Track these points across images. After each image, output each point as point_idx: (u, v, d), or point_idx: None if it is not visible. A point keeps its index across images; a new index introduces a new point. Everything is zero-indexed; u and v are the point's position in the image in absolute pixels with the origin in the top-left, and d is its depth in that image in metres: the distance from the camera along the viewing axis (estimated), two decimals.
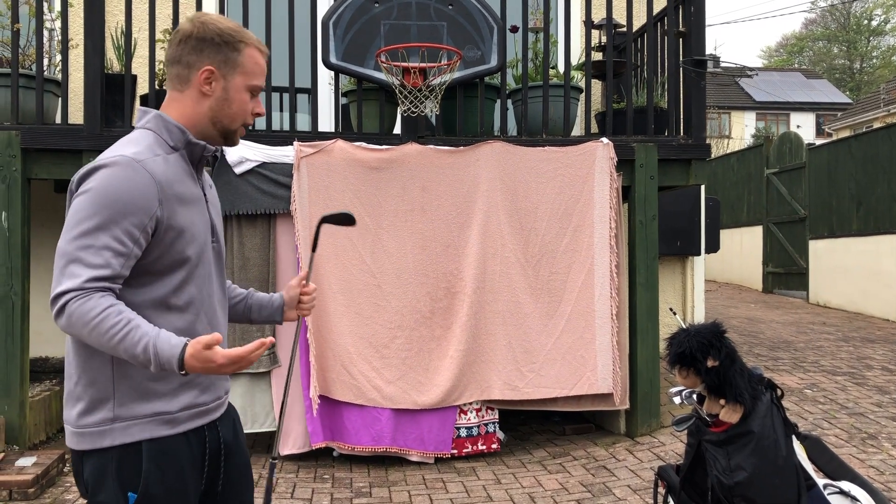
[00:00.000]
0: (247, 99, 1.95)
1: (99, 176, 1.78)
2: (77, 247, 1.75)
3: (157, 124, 1.92)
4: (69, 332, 1.77)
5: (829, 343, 7.90)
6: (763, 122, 36.34)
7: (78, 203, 1.78)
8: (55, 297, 1.74)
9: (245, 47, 1.93)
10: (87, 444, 1.84)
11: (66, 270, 1.75)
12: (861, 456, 4.66)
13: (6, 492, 4.32)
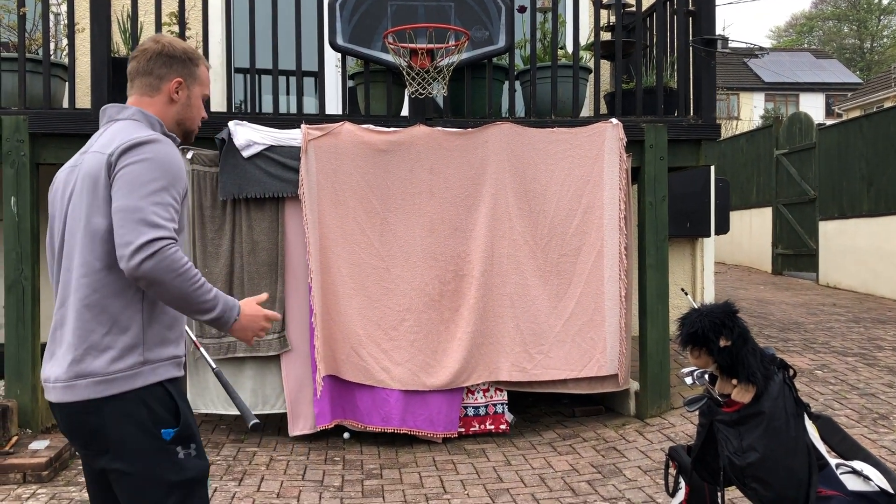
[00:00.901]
0: (201, 105, 2.38)
1: (151, 148, 2.09)
2: (150, 202, 2.01)
3: (140, 117, 2.24)
4: (147, 276, 1.96)
5: (839, 324, 7.87)
6: (772, 104, 36.08)
7: (139, 168, 2.04)
8: (148, 242, 1.96)
9: (201, 63, 2.36)
10: (116, 388, 2.03)
11: (147, 220, 1.98)
12: (872, 436, 4.65)
13: (20, 474, 4.35)
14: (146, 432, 2.04)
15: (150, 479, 2.05)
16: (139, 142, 2.09)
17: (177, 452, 2.07)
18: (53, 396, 2.09)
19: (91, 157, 2.13)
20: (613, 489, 4.29)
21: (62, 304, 2.12)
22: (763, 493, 2.90)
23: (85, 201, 2.08)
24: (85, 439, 2.08)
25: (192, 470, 2.09)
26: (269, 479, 4.52)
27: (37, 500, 4.12)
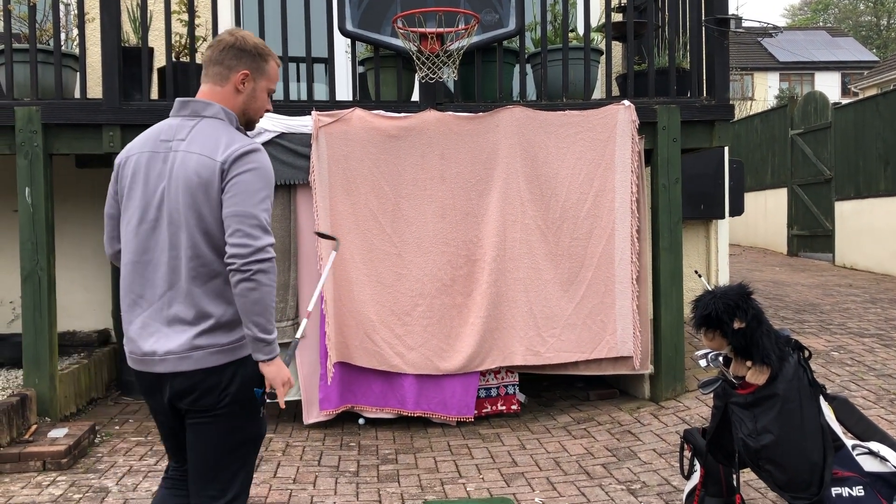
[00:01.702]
0: (266, 98, 2.55)
1: (257, 158, 2.36)
2: (261, 209, 2.31)
3: (225, 115, 2.46)
4: (254, 274, 2.25)
5: (855, 305, 7.81)
6: (787, 83, 35.70)
7: (251, 177, 2.32)
8: (267, 246, 2.28)
9: (270, 59, 2.53)
10: (230, 357, 2.37)
11: (262, 226, 2.29)
12: (889, 417, 4.62)
13: (40, 462, 4.40)
14: (247, 392, 2.38)
15: (236, 431, 2.40)
16: (247, 151, 2.35)
17: (259, 411, 2.44)
18: (164, 367, 2.36)
19: (194, 159, 2.34)
20: (628, 472, 4.29)
21: (170, 286, 2.36)
22: (777, 475, 2.89)
23: (195, 199, 2.32)
24: (195, 398, 2.36)
25: (263, 428, 2.49)
26: (286, 465, 4.55)
27: (57, 488, 4.17)
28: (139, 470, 4.46)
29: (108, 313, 6.33)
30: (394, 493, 4.11)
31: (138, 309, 2.42)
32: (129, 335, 2.45)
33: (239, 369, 2.38)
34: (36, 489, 4.14)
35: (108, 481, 4.28)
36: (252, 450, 2.46)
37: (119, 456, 4.69)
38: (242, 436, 2.42)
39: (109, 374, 6.18)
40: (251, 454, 2.46)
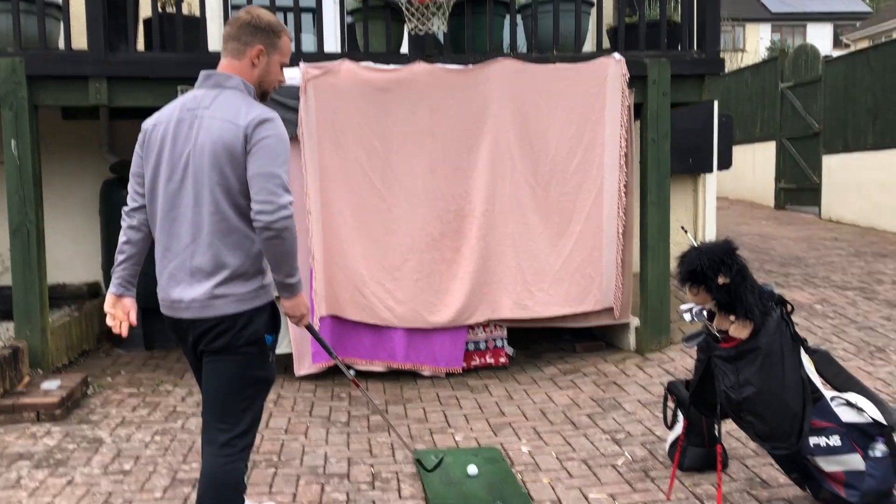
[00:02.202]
0: (279, 71, 2.77)
1: (277, 125, 2.58)
2: (283, 171, 2.54)
3: (245, 86, 2.67)
4: (278, 229, 2.48)
5: (840, 258, 7.90)
6: (779, 34, 35.41)
7: (273, 142, 2.54)
8: (289, 204, 2.51)
9: (283, 35, 2.74)
10: (247, 305, 2.61)
11: (285, 185, 2.52)
12: (868, 368, 4.73)
13: (34, 413, 4.46)
14: (259, 338, 2.64)
15: (246, 372, 2.65)
16: (268, 118, 2.57)
17: (268, 356, 2.69)
18: (189, 314, 2.61)
19: (217, 124, 2.56)
20: (613, 422, 4.39)
21: (193, 239, 2.59)
22: (758, 426, 2.98)
23: (218, 159, 2.54)
24: (213, 340, 2.61)
25: (272, 373, 2.74)
26: (277, 416, 4.63)
27: (51, 438, 4.23)
28: (132, 421, 4.52)
29: (98, 266, 6.34)
30: (384, 443, 4.20)
31: (166, 260, 2.66)
32: (160, 284, 2.70)
33: (254, 317, 2.62)
34: (31, 440, 4.20)
35: (102, 432, 4.34)
36: (260, 392, 2.71)
37: (112, 407, 4.75)
38: (251, 378, 2.66)
39: (100, 327, 6.21)
40: (259, 396, 2.71)
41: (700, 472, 3.64)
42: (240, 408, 2.65)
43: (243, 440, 2.67)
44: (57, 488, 3.62)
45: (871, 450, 3.06)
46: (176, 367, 5.65)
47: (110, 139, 6.36)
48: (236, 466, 2.66)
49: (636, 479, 3.65)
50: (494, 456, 3.92)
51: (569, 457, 3.94)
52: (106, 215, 6.03)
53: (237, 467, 2.66)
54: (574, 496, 3.49)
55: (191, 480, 3.71)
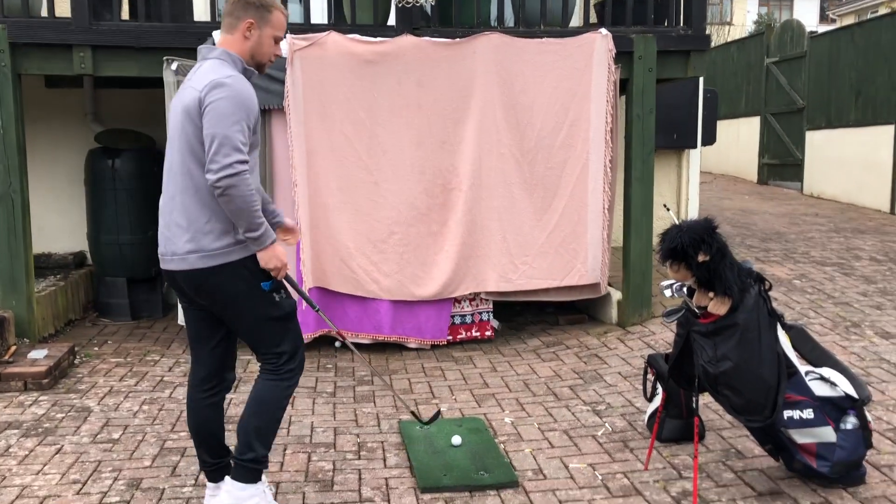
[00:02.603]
0: (272, 44, 2.91)
1: (231, 85, 2.70)
2: (234, 132, 2.66)
3: (225, 56, 2.82)
4: (224, 188, 2.63)
5: (820, 234, 8.02)
6: (766, 8, 35.34)
7: (223, 103, 2.67)
8: (234, 163, 2.63)
9: (274, 10, 2.88)
10: (219, 260, 2.77)
11: (233, 145, 2.65)
12: (844, 343, 4.84)
13: (21, 382, 4.49)
14: (252, 288, 2.82)
15: (259, 316, 2.87)
16: (220, 82, 2.70)
17: (274, 297, 2.88)
18: (171, 266, 2.83)
19: (188, 92, 2.76)
20: (594, 394, 4.48)
21: (172, 197, 2.81)
22: (734, 400, 3.06)
23: (185, 125, 2.74)
24: (206, 295, 2.84)
25: (287, 307, 2.94)
26: None
27: (39, 407, 4.27)
28: (120, 390, 4.57)
29: (84, 235, 6.33)
30: (369, 413, 4.27)
31: (161, 217, 2.90)
32: (159, 239, 2.92)
33: (237, 270, 2.79)
34: (18, 408, 4.24)
35: (90, 401, 4.38)
36: (283, 325, 2.92)
37: (99, 377, 4.79)
38: (268, 318, 2.88)
39: (86, 296, 6.23)
40: (286, 327, 2.93)
41: (678, 443, 3.74)
42: (275, 340, 2.92)
43: (289, 364, 2.95)
44: (46, 457, 3.67)
45: (842, 422, 3.16)
46: (162, 336, 5.68)
47: (95, 108, 6.32)
48: (278, 384, 2.95)
49: (615, 449, 3.74)
50: (478, 426, 4.00)
51: (550, 427, 4.03)
52: (91, 185, 6.02)
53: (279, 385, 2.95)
54: (555, 465, 3.58)
55: (179, 449, 3.77)
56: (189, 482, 3.42)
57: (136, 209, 5.97)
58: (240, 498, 2.92)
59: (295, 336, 2.99)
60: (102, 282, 6.10)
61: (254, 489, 2.94)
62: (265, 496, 2.98)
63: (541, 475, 3.49)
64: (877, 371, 4.40)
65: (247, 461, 2.92)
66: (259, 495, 2.95)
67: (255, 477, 2.95)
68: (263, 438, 2.95)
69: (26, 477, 3.46)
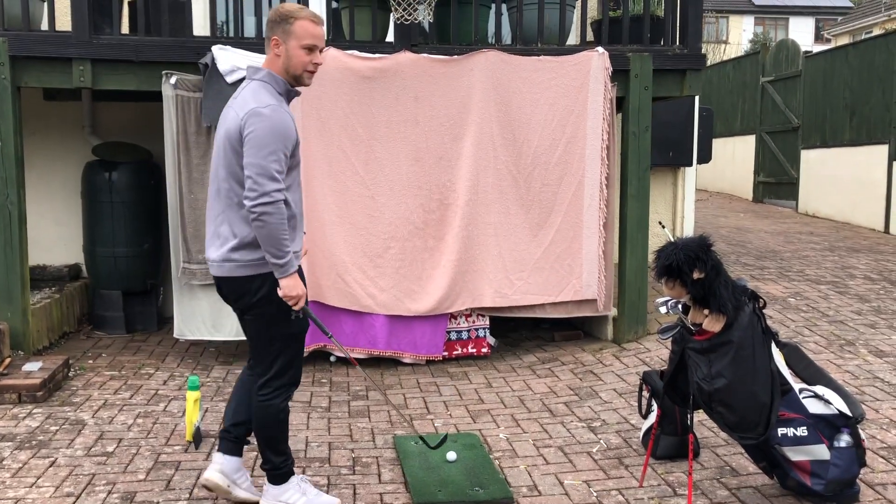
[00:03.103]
0: (303, 55, 2.99)
1: (268, 115, 2.87)
2: (270, 161, 2.85)
3: (269, 78, 3.01)
4: (258, 215, 2.84)
5: (815, 252, 8.05)
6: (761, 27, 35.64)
7: (261, 133, 2.85)
8: (271, 192, 2.84)
9: (296, 21, 2.97)
10: (250, 271, 3.00)
11: (267, 175, 2.84)
12: (838, 361, 4.85)
13: (15, 395, 4.47)
14: (273, 302, 2.98)
15: (269, 327, 3.06)
16: (258, 112, 2.88)
17: (289, 315, 3.02)
18: (213, 271, 3.08)
19: (231, 115, 2.95)
20: (589, 410, 4.49)
21: (218, 210, 3.03)
22: (728, 417, 3.07)
23: (227, 149, 2.95)
24: (235, 299, 3.09)
25: (298, 328, 3.10)
26: None
27: (33, 420, 4.25)
28: (114, 403, 4.56)
29: (80, 248, 6.33)
30: (364, 428, 4.26)
31: (207, 226, 3.13)
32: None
33: (266, 282, 2.99)
34: (12, 421, 4.23)
35: (84, 414, 4.37)
36: (289, 344, 3.10)
37: (94, 389, 4.78)
38: (276, 333, 3.07)
39: (81, 309, 6.22)
40: (288, 347, 3.10)
41: (672, 460, 3.74)
42: (271, 357, 3.09)
43: (276, 381, 3.11)
44: (40, 469, 3.65)
45: (836, 440, 3.17)
46: (157, 350, 5.67)
47: (93, 121, 6.34)
48: (270, 404, 3.11)
49: (610, 465, 3.74)
50: (473, 442, 4.00)
51: (545, 444, 4.03)
52: (88, 197, 6.02)
53: (272, 404, 3.11)
54: (550, 482, 3.58)
55: (174, 462, 3.76)
56: (183, 496, 3.41)
57: (132, 222, 5.97)
58: (276, 496, 3.21)
59: (293, 355, 3.13)
60: (97, 294, 6.09)
61: (286, 486, 3.21)
62: (300, 487, 3.23)
63: (535, 491, 3.49)
64: (870, 389, 4.41)
65: (268, 469, 3.21)
66: (293, 489, 3.22)
67: (283, 479, 3.21)
68: (273, 448, 3.17)
69: (20, 490, 3.45)
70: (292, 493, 3.21)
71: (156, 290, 6.27)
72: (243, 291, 3.03)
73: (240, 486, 3.28)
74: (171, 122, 5.10)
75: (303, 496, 3.23)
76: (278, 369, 3.10)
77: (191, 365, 5.35)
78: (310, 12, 3.03)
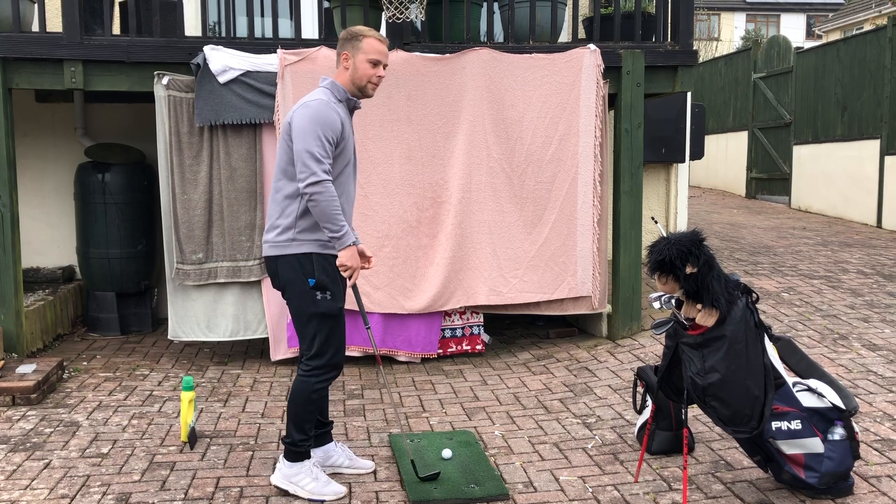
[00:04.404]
0: (368, 68, 3.36)
1: (310, 105, 3.22)
2: (313, 145, 3.16)
3: (330, 86, 3.35)
4: (308, 193, 3.15)
5: (808, 248, 8.08)
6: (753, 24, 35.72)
7: (303, 121, 3.19)
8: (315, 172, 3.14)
9: (364, 39, 3.35)
10: (278, 251, 3.30)
11: (312, 157, 3.16)
12: (831, 356, 4.87)
13: (9, 397, 4.46)
14: (300, 279, 3.29)
15: (301, 307, 3.32)
16: (304, 104, 3.25)
17: (316, 295, 3.29)
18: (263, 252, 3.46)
19: (289, 113, 3.30)
20: (584, 407, 4.50)
21: (270, 202, 3.36)
22: (722, 411, 3.08)
23: (282, 141, 3.30)
24: (272, 277, 3.38)
25: (325, 307, 3.31)
26: (254, 400, 4.67)
27: (27, 422, 4.24)
28: (109, 405, 4.55)
29: (73, 250, 6.32)
30: (360, 427, 4.26)
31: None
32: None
33: (290, 262, 3.28)
34: (6, 423, 4.22)
35: (79, 416, 4.36)
36: (321, 325, 3.30)
37: (88, 391, 4.77)
38: (307, 312, 3.31)
39: (75, 311, 6.20)
40: (322, 327, 3.31)
41: (667, 455, 3.75)
42: (309, 336, 3.33)
43: (315, 361, 3.33)
44: (34, 471, 3.65)
45: (830, 433, 3.18)
46: (152, 351, 5.67)
47: (85, 123, 6.32)
48: (306, 381, 3.34)
49: (606, 461, 3.75)
50: (468, 439, 4.00)
51: (541, 440, 4.04)
52: (81, 199, 6.01)
53: (307, 381, 3.33)
54: (545, 478, 3.59)
55: (168, 463, 3.75)
56: (179, 497, 3.41)
57: (125, 223, 5.96)
58: (288, 475, 3.38)
59: (328, 337, 3.34)
60: (91, 296, 6.08)
61: (299, 467, 3.37)
62: (312, 472, 3.37)
63: (531, 488, 3.50)
64: (864, 383, 4.43)
65: (287, 443, 3.37)
66: (304, 472, 3.36)
67: (298, 457, 3.37)
68: (298, 425, 3.35)
69: (14, 492, 3.44)
70: (304, 477, 3.36)
71: (150, 291, 6.26)
72: (275, 270, 3.33)
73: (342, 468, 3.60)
74: (163, 123, 5.09)
75: (313, 481, 3.36)
76: (317, 349, 3.32)
77: (185, 366, 5.34)
78: (377, 33, 3.39)
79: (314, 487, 3.35)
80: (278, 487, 3.41)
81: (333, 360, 3.37)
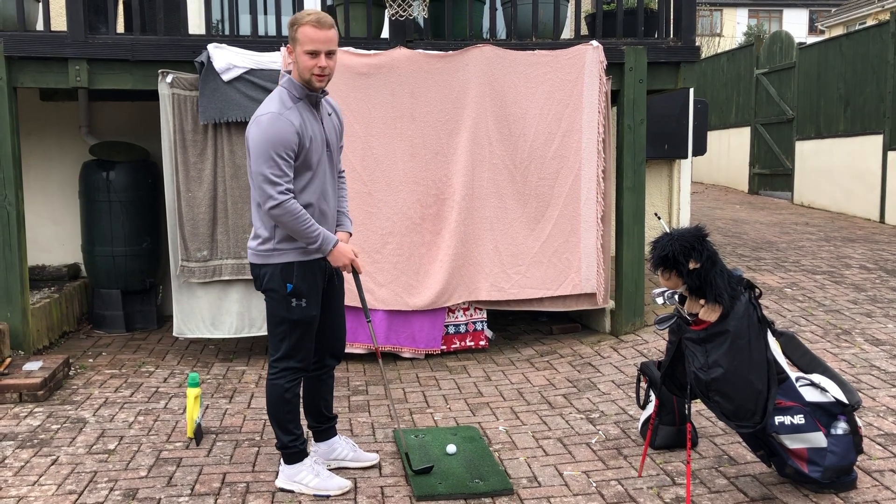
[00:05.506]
0: (307, 60, 3.12)
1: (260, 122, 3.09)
2: (264, 168, 3.08)
3: (288, 85, 3.19)
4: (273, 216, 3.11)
5: (810, 243, 8.08)
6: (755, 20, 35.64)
7: (253, 142, 3.10)
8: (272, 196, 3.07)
9: (299, 27, 3.10)
10: (259, 260, 3.29)
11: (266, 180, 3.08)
12: (834, 350, 4.88)
13: (16, 394, 4.49)
14: (280, 287, 3.26)
15: (275, 311, 3.31)
16: (255, 120, 3.13)
17: (291, 301, 3.27)
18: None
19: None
20: (588, 402, 4.51)
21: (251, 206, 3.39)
22: (725, 406, 3.10)
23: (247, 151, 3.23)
24: (255, 279, 3.37)
25: (298, 314, 3.29)
26: (259, 397, 4.70)
27: (34, 419, 4.27)
28: (115, 401, 4.57)
29: (78, 247, 6.34)
30: (364, 423, 4.28)
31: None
32: None
33: (270, 270, 3.26)
34: (13, 420, 4.24)
35: (85, 412, 4.39)
36: (293, 329, 3.30)
37: (94, 388, 4.79)
38: (279, 317, 3.31)
39: (80, 308, 6.23)
40: (293, 332, 3.31)
41: (671, 450, 3.77)
42: (278, 339, 3.33)
43: (280, 364, 3.33)
44: (42, 468, 3.67)
45: (833, 428, 3.20)
46: (157, 348, 5.69)
47: (89, 121, 6.35)
48: (274, 383, 3.34)
49: (609, 456, 3.77)
50: (472, 435, 4.02)
51: (545, 435, 4.06)
52: (86, 197, 6.03)
53: (277, 384, 3.34)
54: (549, 473, 3.61)
55: (175, 459, 3.78)
56: (185, 492, 3.44)
57: (130, 221, 5.98)
58: (290, 475, 3.41)
59: (297, 342, 3.33)
60: (97, 294, 6.11)
61: (299, 466, 3.41)
62: (313, 469, 3.41)
63: (535, 483, 3.52)
64: (867, 378, 4.45)
65: (279, 448, 3.43)
66: (305, 470, 3.40)
67: (295, 458, 3.41)
68: (281, 427, 3.38)
69: (22, 488, 3.47)
70: (305, 474, 3.38)
71: (155, 288, 6.29)
72: (255, 276, 3.36)
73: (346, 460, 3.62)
74: (167, 121, 5.11)
75: (315, 477, 3.39)
76: (285, 352, 3.32)
77: (191, 362, 5.37)
78: (314, 17, 3.10)
79: (317, 483, 3.38)
80: (283, 489, 3.42)
81: (301, 363, 3.36)
